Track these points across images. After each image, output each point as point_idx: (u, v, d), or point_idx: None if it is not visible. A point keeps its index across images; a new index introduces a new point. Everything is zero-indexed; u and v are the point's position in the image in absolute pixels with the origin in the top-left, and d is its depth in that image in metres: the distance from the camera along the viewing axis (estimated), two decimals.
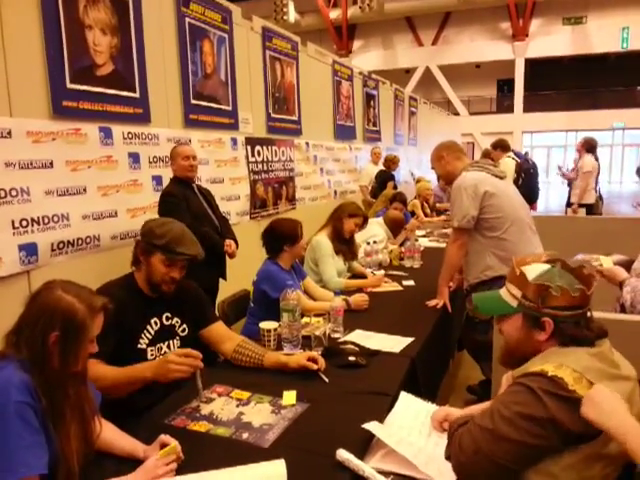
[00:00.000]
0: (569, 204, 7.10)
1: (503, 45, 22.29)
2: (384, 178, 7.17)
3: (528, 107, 22.46)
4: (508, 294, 1.34)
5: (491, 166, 2.85)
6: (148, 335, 1.91)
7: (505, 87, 24.09)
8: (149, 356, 1.91)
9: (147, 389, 1.74)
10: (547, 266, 1.29)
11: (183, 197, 3.31)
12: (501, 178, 2.81)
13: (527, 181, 6.97)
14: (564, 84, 22.18)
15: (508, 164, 6.72)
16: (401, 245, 4.31)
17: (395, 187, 7.04)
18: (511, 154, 7.15)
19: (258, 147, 5.16)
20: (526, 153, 9.07)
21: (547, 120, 21.98)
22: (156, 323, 1.94)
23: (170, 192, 3.34)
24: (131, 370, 1.71)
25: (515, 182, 6.40)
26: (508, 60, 22.20)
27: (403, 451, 1.37)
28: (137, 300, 1.91)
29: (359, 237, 3.78)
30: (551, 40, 21.34)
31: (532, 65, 22.53)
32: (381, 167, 7.57)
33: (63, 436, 1.25)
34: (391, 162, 7.48)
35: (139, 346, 1.89)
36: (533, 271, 1.29)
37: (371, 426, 1.46)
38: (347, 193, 7.52)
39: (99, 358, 1.64)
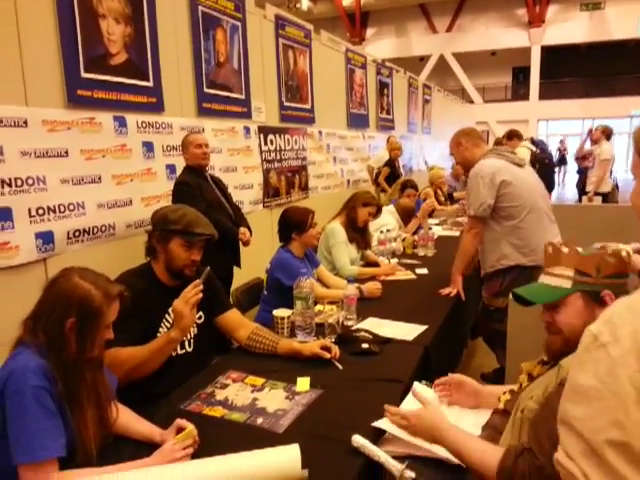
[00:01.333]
0: (583, 192, 7.01)
1: (519, 32, 21.93)
2: (384, 165, 7.20)
3: (544, 95, 22.12)
4: (556, 278, 1.27)
5: (510, 154, 2.81)
6: (167, 324, 1.91)
7: (521, 75, 23.73)
8: None
9: (163, 375, 1.76)
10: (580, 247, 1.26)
11: (197, 186, 3.32)
12: (520, 166, 2.77)
13: (541, 171, 6.89)
14: (581, 71, 21.80)
15: (523, 154, 6.64)
16: (414, 233, 4.29)
17: (393, 175, 6.99)
18: (526, 143, 7.06)
19: (271, 136, 5.15)
20: (542, 142, 8.95)
21: (563, 108, 21.64)
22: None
23: (184, 181, 3.35)
24: (157, 342, 1.73)
25: None
26: (524, 47, 21.85)
27: (418, 441, 1.37)
28: (156, 290, 1.91)
29: (371, 226, 3.77)
30: (568, 27, 20.95)
31: (548, 52, 22.15)
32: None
33: (80, 420, 1.27)
34: (390, 149, 7.38)
35: (158, 335, 1.88)
36: (579, 248, 1.24)
37: (381, 423, 1.45)
38: (360, 182, 7.49)
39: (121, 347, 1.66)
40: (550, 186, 7.36)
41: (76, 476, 1.20)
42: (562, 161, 16.95)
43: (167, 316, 1.92)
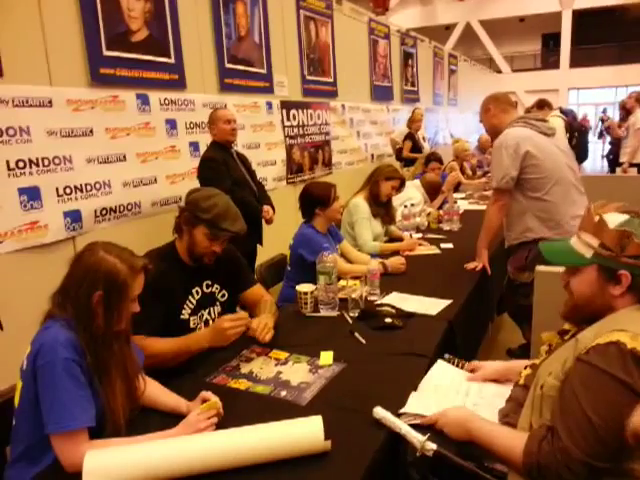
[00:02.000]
0: (615, 163, 6.77)
1: None
2: (403, 139, 7.02)
3: (575, 62, 21.34)
4: (582, 244, 1.25)
5: (539, 122, 2.71)
6: (190, 305, 1.93)
7: (551, 42, 22.89)
8: (191, 325, 1.94)
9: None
10: (626, 216, 1.22)
11: (223, 162, 3.33)
12: (548, 135, 2.68)
13: (579, 140, 6.67)
14: (615, 36, 20.91)
15: (557, 124, 6.43)
16: (439, 208, 4.23)
17: (414, 148, 6.83)
18: (557, 112, 6.85)
19: (293, 111, 5.11)
20: (571, 111, 8.67)
21: (595, 75, 20.85)
22: (197, 292, 1.96)
23: (211, 157, 3.36)
24: (185, 341, 1.75)
25: (569, 142, 6.14)
26: (554, 12, 21.01)
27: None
28: (179, 271, 1.92)
29: (396, 200, 3.73)
30: None
31: (580, 17, 21.28)
32: (422, 130, 7.38)
33: (109, 391, 1.31)
34: (410, 121, 7.11)
35: (182, 317, 1.91)
36: (613, 219, 1.21)
37: (406, 408, 1.43)
38: (384, 156, 7.41)
39: (148, 334, 1.69)
40: (584, 156, 7.13)
41: (105, 445, 1.24)
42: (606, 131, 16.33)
43: (190, 297, 1.94)
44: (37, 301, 1.39)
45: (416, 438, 1.26)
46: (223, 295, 2.06)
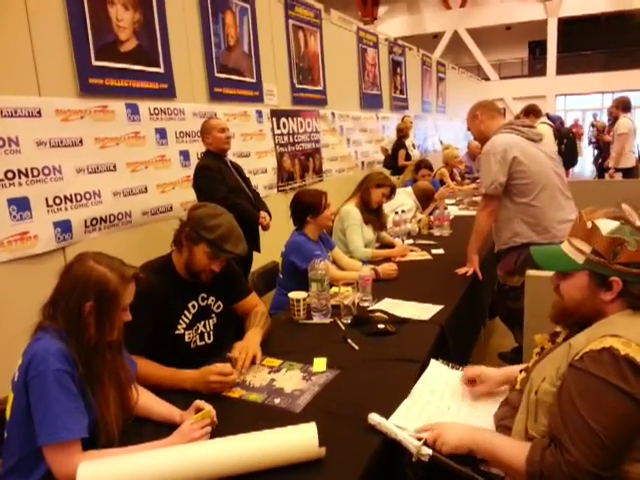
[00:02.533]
0: (603, 168, 6.86)
1: (534, 4, 21.35)
2: (394, 148, 7.04)
3: (562, 69, 21.61)
4: (573, 249, 1.25)
5: (526, 128, 2.75)
6: (185, 320, 1.91)
7: (537, 49, 23.19)
8: (186, 339, 1.92)
9: (183, 367, 1.74)
10: (617, 223, 1.22)
11: (218, 170, 3.35)
12: (535, 141, 2.72)
13: (569, 146, 6.74)
14: (600, 43, 21.21)
15: (545, 131, 6.49)
16: (430, 214, 4.25)
17: (407, 156, 6.87)
18: (544, 119, 6.92)
19: (283, 119, 5.13)
20: (559, 117, 8.76)
21: (582, 82, 21.13)
22: (194, 306, 1.94)
23: (206, 165, 3.36)
24: (171, 377, 1.67)
25: (558, 148, 6.21)
26: (540, 20, 21.30)
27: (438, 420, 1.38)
28: (175, 285, 1.89)
29: (387, 207, 3.75)
30: None
31: (566, 24, 21.58)
32: (411, 137, 7.42)
33: (102, 402, 1.30)
34: (398, 131, 7.16)
35: (176, 332, 1.89)
36: (604, 225, 1.21)
37: (398, 417, 1.43)
38: (374, 163, 7.44)
39: (139, 354, 1.65)
40: (574, 161, 7.20)
41: (99, 456, 1.22)
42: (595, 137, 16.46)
43: (186, 311, 1.92)
44: (27, 312, 1.38)
45: (412, 444, 1.26)
46: (219, 306, 2.04)
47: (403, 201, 4.22)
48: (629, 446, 1.06)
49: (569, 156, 6.48)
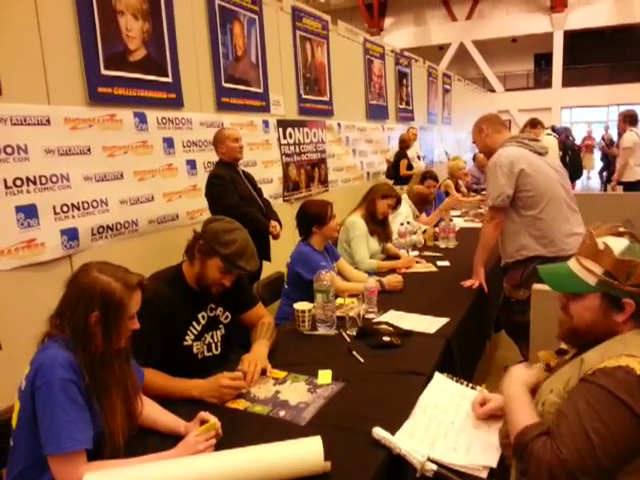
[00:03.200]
0: (607, 181, 6.85)
1: (540, 17, 21.46)
2: (396, 158, 7.07)
3: (567, 81, 21.65)
4: (583, 270, 1.24)
5: (532, 141, 2.76)
6: (194, 331, 1.91)
7: (543, 61, 23.24)
8: (194, 350, 1.91)
9: (191, 372, 1.75)
10: (626, 241, 1.22)
11: (230, 179, 3.40)
12: (541, 154, 2.72)
13: (572, 158, 6.74)
14: (606, 56, 21.26)
15: (550, 142, 6.49)
16: (435, 225, 4.25)
17: (409, 166, 6.91)
18: (549, 131, 6.93)
19: (290, 129, 5.16)
20: (567, 129, 8.74)
21: (587, 95, 21.16)
22: (203, 317, 1.94)
23: (218, 174, 3.42)
24: (179, 386, 1.67)
25: (562, 160, 6.20)
26: (546, 33, 21.39)
27: (441, 447, 1.36)
28: (184, 297, 1.89)
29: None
30: (592, 10, 20.41)
31: (571, 37, 21.65)
32: (417, 148, 7.44)
33: (108, 412, 1.29)
34: (401, 141, 7.22)
35: (185, 343, 1.88)
36: (615, 244, 1.20)
37: (402, 435, 1.41)
38: (380, 174, 7.46)
39: (147, 364, 1.64)
40: (579, 174, 7.19)
41: (103, 467, 1.22)
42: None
43: (194, 322, 1.91)
44: (34, 319, 1.39)
45: (416, 459, 1.25)
46: (227, 317, 2.04)
47: (400, 209, 4.20)
48: (621, 462, 1.06)
49: (573, 168, 6.48)
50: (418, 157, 7.38)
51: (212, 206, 3.43)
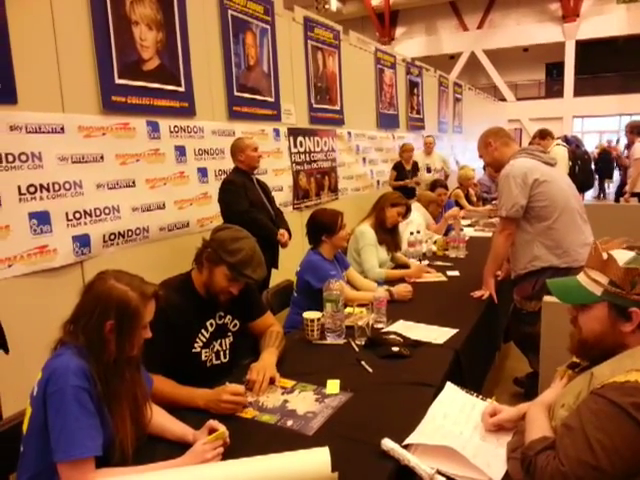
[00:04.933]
0: (620, 193, 6.80)
1: (552, 27, 21.43)
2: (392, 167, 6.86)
3: (579, 91, 21.56)
4: (590, 281, 1.25)
5: (541, 153, 2.76)
6: (203, 338, 1.92)
7: (554, 71, 23.18)
8: (203, 357, 1.92)
9: (198, 386, 1.75)
10: (632, 253, 1.22)
11: (242, 185, 3.49)
12: (551, 165, 2.71)
13: (583, 168, 6.69)
14: (618, 66, 21.17)
15: (560, 153, 6.44)
16: (445, 234, 4.24)
17: (397, 177, 6.62)
18: (559, 141, 6.89)
19: (300, 138, 5.18)
20: (577, 138, 8.67)
21: (599, 104, 21.05)
22: (212, 325, 1.95)
23: (231, 180, 3.54)
24: (186, 395, 1.67)
25: (571, 170, 6.16)
26: (558, 42, 21.35)
27: (450, 443, 1.36)
28: (193, 304, 1.90)
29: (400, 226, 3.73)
30: (604, 20, 20.35)
31: (583, 47, 21.59)
32: (436, 156, 7.40)
33: (118, 420, 1.30)
34: (401, 151, 6.85)
35: (193, 350, 1.90)
36: (621, 256, 1.21)
37: (413, 438, 1.41)
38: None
39: (156, 371, 1.65)
40: (590, 184, 7.13)
41: (112, 474, 1.23)
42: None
43: (203, 330, 1.92)
44: (45, 325, 1.40)
45: (425, 471, 1.25)
46: (235, 325, 2.05)
47: (412, 217, 4.19)
48: (626, 477, 1.05)
49: (584, 179, 6.43)
50: (428, 169, 7.25)
51: (223, 210, 3.56)
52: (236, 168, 3.61)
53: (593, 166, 8.36)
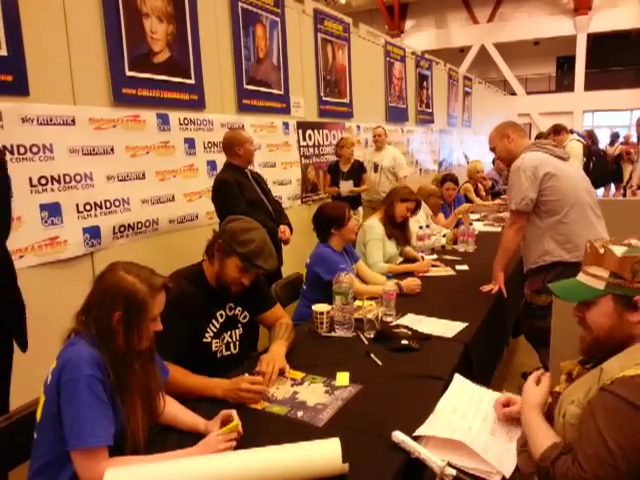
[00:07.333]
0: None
1: (564, 20, 21.18)
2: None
3: (590, 85, 21.33)
4: (591, 278, 1.26)
5: (553, 147, 2.73)
6: (213, 328, 1.93)
7: (565, 64, 22.94)
8: (213, 348, 1.94)
9: (209, 371, 1.76)
10: (625, 247, 1.23)
11: (236, 184, 3.33)
12: (563, 159, 2.69)
13: (598, 163, 6.64)
14: (630, 60, 20.91)
15: (575, 148, 6.38)
16: (455, 227, 4.22)
17: (332, 182, 5.24)
18: (575, 136, 6.83)
19: (309, 131, 5.17)
20: (589, 133, 8.54)
21: (610, 98, 20.82)
22: (222, 316, 1.96)
23: (224, 179, 3.36)
24: (203, 384, 1.68)
25: (586, 166, 6.11)
26: (569, 36, 21.12)
27: (460, 437, 1.36)
28: (205, 294, 1.92)
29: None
30: (617, 13, 20.08)
31: (595, 40, 21.34)
32: (387, 152, 7.22)
33: (130, 409, 1.31)
34: (337, 147, 5.21)
35: (204, 340, 1.91)
36: (617, 248, 1.22)
37: (423, 430, 1.42)
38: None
39: (171, 360, 1.67)
40: (604, 180, 7.07)
41: (124, 463, 1.24)
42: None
43: (214, 321, 1.94)
44: (56, 315, 1.41)
45: (435, 463, 1.25)
46: (245, 317, 2.06)
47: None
48: (636, 475, 1.04)
49: (598, 174, 6.38)
50: (375, 167, 5.65)
51: (219, 213, 3.37)
52: (229, 164, 3.44)
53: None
